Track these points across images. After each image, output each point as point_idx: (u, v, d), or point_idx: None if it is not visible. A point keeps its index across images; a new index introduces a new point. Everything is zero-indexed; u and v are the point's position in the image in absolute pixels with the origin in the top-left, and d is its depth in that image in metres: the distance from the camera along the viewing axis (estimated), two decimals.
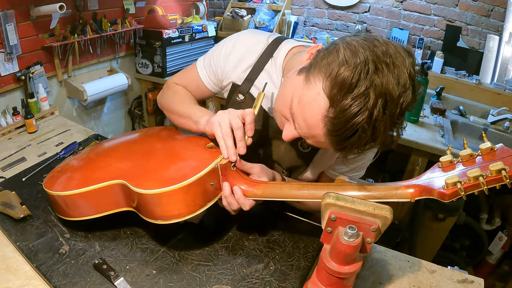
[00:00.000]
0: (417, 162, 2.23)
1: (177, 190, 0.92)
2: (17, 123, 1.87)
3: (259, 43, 1.24)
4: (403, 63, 0.78)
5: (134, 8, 2.72)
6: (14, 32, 1.91)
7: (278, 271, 1.02)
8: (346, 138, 0.80)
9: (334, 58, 0.81)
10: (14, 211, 1.14)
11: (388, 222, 0.80)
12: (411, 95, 0.79)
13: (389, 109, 0.77)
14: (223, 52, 1.25)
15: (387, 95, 0.76)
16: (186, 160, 1.06)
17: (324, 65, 0.83)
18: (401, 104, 0.78)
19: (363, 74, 0.76)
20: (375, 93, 0.75)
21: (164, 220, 0.95)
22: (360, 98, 0.75)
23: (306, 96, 0.86)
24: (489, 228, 2.56)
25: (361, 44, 0.79)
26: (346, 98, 0.76)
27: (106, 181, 1.02)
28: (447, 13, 2.73)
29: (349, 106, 0.76)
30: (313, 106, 0.84)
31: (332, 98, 0.79)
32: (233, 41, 1.25)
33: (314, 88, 0.84)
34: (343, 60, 0.79)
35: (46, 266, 0.98)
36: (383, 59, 0.77)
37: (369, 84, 0.75)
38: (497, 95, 2.60)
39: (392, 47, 0.80)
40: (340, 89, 0.77)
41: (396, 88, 0.76)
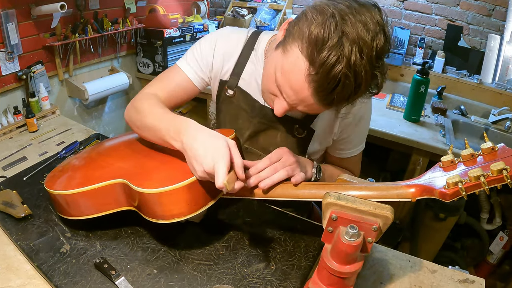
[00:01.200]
0: (418, 161, 2.23)
1: (178, 189, 0.92)
2: (18, 122, 1.87)
3: (240, 38, 1.28)
4: (368, 11, 0.84)
5: (135, 8, 2.72)
6: (15, 32, 1.91)
7: (279, 271, 1.02)
8: (332, 90, 0.85)
9: (303, 22, 0.87)
10: (15, 210, 1.14)
11: (389, 222, 0.80)
12: (383, 38, 0.84)
13: (365, 53, 0.82)
14: (207, 48, 1.27)
15: (360, 40, 0.81)
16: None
17: (297, 31, 0.88)
18: (375, 48, 0.83)
19: (333, 27, 0.81)
20: (348, 40, 0.80)
21: (165, 220, 0.95)
22: (335, 48, 0.80)
23: (286, 64, 0.91)
24: (490, 228, 2.56)
25: (325, 3, 0.86)
26: (322, 52, 0.81)
27: (107, 180, 1.02)
28: (448, 12, 2.73)
29: (327, 57, 0.81)
30: (295, 71, 0.88)
31: (310, 56, 0.84)
32: (214, 37, 1.28)
33: (292, 55, 0.89)
34: (312, 20, 0.84)
35: (47, 265, 0.98)
36: (348, 11, 0.83)
37: (340, 34, 0.80)
38: (498, 95, 2.59)
39: (354, 2, 0.86)
40: (315, 46, 0.82)
41: (366, 33, 0.82)
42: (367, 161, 2.94)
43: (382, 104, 2.66)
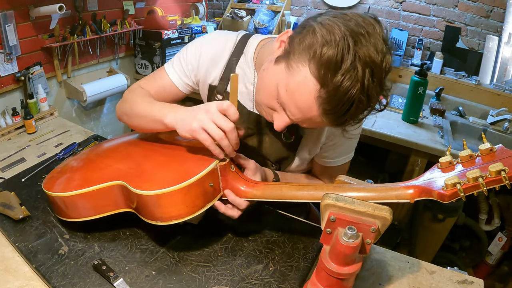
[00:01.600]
0: (417, 162, 2.23)
1: (176, 191, 0.92)
2: (17, 123, 1.87)
3: (228, 41, 1.25)
4: (375, 30, 0.83)
5: (133, 9, 2.72)
6: (13, 33, 1.91)
7: (277, 272, 1.02)
8: (344, 112, 0.85)
9: (312, 40, 0.85)
10: (13, 212, 1.14)
11: (387, 223, 0.80)
12: (390, 58, 0.85)
13: (376, 76, 0.82)
14: (193, 53, 1.26)
15: (372, 64, 0.81)
16: (185, 161, 1.06)
17: (304, 48, 0.86)
18: (384, 69, 0.83)
19: (346, 50, 0.79)
20: (361, 64, 0.80)
21: (164, 221, 0.95)
22: (350, 72, 0.79)
23: (293, 83, 0.88)
24: (488, 229, 2.56)
25: (334, 21, 0.83)
26: (336, 76, 0.80)
27: (105, 182, 1.02)
28: (446, 14, 2.73)
29: (341, 82, 0.80)
30: (303, 91, 0.87)
31: (322, 78, 0.82)
32: (200, 42, 1.27)
33: (299, 73, 0.87)
34: (323, 40, 0.82)
35: (46, 267, 0.98)
36: (358, 31, 0.81)
37: (353, 58, 0.79)
38: (497, 96, 2.60)
39: (360, 18, 0.85)
40: (328, 69, 0.81)
41: (377, 55, 0.81)
42: (365, 162, 2.95)
43: None
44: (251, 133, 1.25)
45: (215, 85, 1.25)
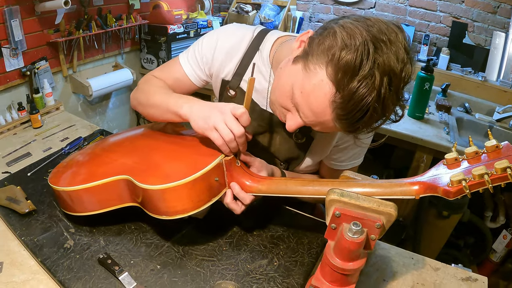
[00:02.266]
0: (422, 159, 2.23)
1: (182, 185, 0.92)
2: (22, 118, 1.87)
3: (245, 36, 1.22)
4: (397, 38, 0.81)
5: (139, 4, 2.72)
6: (19, 28, 1.92)
7: (282, 267, 1.02)
8: (358, 119, 0.83)
9: (332, 42, 0.82)
10: (19, 206, 1.14)
11: (392, 219, 0.80)
12: (411, 68, 0.82)
13: (394, 85, 0.80)
14: (208, 46, 1.24)
15: (391, 72, 0.78)
16: (191, 156, 1.06)
17: (323, 50, 0.84)
18: (403, 78, 0.81)
19: (365, 55, 0.77)
20: (379, 72, 0.77)
21: (169, 216, 0.96)
22: (367, 79, 0.77)
23: (308, 85, 0.86)
24: (493, 226, 2.55)
25: (356, 26, 0.81)
26: (352, 81, 0.78)
27: (111, 176, 1.02)
28: (453, 9, 2.72)
29: (357, 88, 0.78)
30: (318, 94, 0.85)
31: (338, 82, 0.80)
32: (216, 35, 1.24)
33: (316, 76, 0.85)
34: (343, 44, 0.80)
35: (51, 261, 0.99)
36: (379, 38, 0.79)
37: (372, 65, 0.77)
38: (503, 92, 2.58)
39: (383, 24, 0.82)
40: (345, 73, 0.79)
41: (397, 64, 0.79)
42: (371, 158, 2.94)
43: None
44: (262, 130, 1.23)
45: (228, 79, 1.24)
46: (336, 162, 1.27)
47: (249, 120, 0.95)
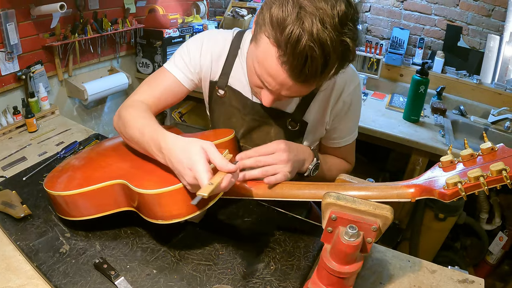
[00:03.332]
0: (418, 162, 2.23)
1: (177, 190, 0.92)
2: (18, 122, 1.87)
3: (226, 38, 1.29)
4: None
5: (134, 8, 2.72)
6: (14, 32, 1.91)
7: (278, 271, 1.02)
8: (303, 66, 0.86)
9: (265, 9, 0.90)
10: (14, 211, 1.14)
11: (388, 222, 0.80)
12: (343, 5, 0.84)
13: (327, 22, 0.82)
14: (194, 49, 1.27)
15: (319, 11, 0.82)
16: None
17: (261, 19, 0.92)
18: (337, 15, 0.83)
19: (290, 5, 0.83)
20: (307, 14, 0.82)
21: (165, 220, 0.96)
22: (295, 24, 0.82)
23: (260, 53, 0.93)
24: (489, 228, 2.56)
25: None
26: (285, 31, 0.83)
27: (107, 181, 1.02)
28: (447, 13, 2.73)
29: (290, 34, 0.82)
30: (267, 57, 0.91)
31: (276, 38, 0.86)
32: (200, 39, 1.29)
33: (262, 43, 0.92)
34: (270, 4, 0.88)
35: (47, 266, 0.98)
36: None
37: (298, 9, 0.82)
38: (498, 95, 2.60)
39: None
40: (278, 26, 0.85)
41: (325, 4, 0.83)
42: (367, 161, 2.94)
43: (382, 104, 2.67)
44: (257, 124, 1.28)
45: (216, 80, 1.29)
46: (337, 140, 1.34)
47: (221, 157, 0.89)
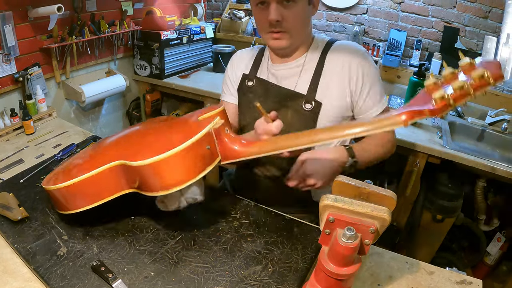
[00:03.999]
0: (416, 163, 2.23)
1: (175, 155, 0.95)
2: (15, 124, 1.87)
3: (252, 48, 1.57)
4: None
5: (132, 10, 2.72)
6: (12, 34, 1.91)
7: (276, 273, 1.02)
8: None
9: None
10: (11, 213, 1.13)
11: (386, 224, 0.80)
12: None
13: None
14: (228, 69, 1.56)
15: None
16: (180, 132, 1.11)
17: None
18: None
19: None
20: None
21: (167, 189, 0.97)
22: None
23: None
24: (487, 229, 2.56)
25: None
26: None
27: (105, 164, 1.04)
28: (445, 14, 2.73)
29: None
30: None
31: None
32: (231, 60, 1.58)
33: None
34: None
35: (44, 268, 0.98)
36: None
37: None
38: (495, 96, 2.60)
39: None
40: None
41: None
42: None
43: None
44: (276, 107, 1.32)
45: (247, 73, 1.49)
46: (374, 108, 1.37)
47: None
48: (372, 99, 1.35)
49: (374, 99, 1.35)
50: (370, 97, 1.35)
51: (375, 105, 1.36)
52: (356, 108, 1.36)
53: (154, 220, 1.20)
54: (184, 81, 2.92)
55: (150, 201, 1.26)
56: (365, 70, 1.32)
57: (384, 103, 1.39)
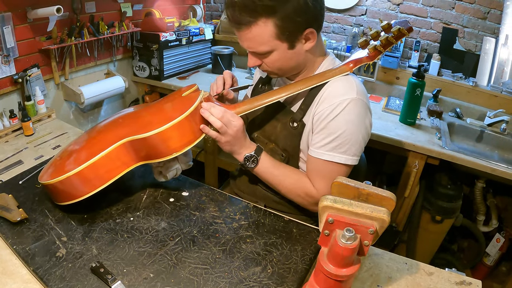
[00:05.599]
0: (415, 164, 2.24)
1: (180, 122, 1.14)
2: (14, 126, 1.87)
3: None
4: None
5: (131, 11, 2.72)
6: (11, 35, 1.91)
7: (275, 274, 1.02)
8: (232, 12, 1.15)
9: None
10: (10, 214, 1.13)
11: (385, 225, 0.80)
12: None
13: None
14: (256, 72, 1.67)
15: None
16: (174, 106, 1.30)
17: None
18: None
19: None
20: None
21: (176, 151, 1.17)
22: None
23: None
24: (486, 230, 2.56)
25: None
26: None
27: (110, 145, 1.14)
28: (443, 15, 2.74)
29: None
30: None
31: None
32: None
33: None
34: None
35: (43, 270, 0.98)
36: None
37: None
38: (494, 97, 2.60)
39: None
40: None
41: None
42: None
43: (378, 107, 2.67)
44: (269, 117, 1.43)
45: (263, 77, 1.53)
46: (311, 147, 1.29)
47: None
48: (317, 142, 1.27)
49: (320, 143, 1.26)
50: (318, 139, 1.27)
51: (316, 147, 1.27)
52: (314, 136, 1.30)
53: (153, 221, 1.20)
54: (183, 83, 2.92)
55: (149, 203, 1.26)
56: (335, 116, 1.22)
57: (329, 156, 1.25)
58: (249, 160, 1.30)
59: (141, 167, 1.25)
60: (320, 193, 1.27)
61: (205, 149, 2.99)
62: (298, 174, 1.35)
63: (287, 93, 1.27)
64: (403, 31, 1.21)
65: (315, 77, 1.27)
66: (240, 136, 1.27)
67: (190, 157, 1.37)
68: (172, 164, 1.33)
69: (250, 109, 1.29)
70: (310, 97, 1.29)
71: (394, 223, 2.48)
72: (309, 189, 1.30)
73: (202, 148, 3.01)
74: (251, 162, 1.30)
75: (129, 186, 1.38)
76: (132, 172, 1.24)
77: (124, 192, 1.33)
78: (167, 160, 1.24)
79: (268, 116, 1.43)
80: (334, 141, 1.23)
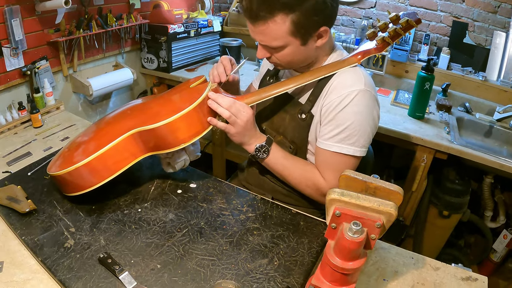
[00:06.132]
0: (423, 158, 2.22)
1: (188, 113, 1.15)
2: (23, 118, 1.88)
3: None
4: None
5: (139, 3, 2.72)
6: (19, 27, 1.91)
7: (282, 267, 1.02)
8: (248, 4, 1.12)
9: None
10: (19, 205, 1.14)
11: (392, 219, 0.80)
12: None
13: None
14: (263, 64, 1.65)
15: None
16: (182, 98, 1.32)
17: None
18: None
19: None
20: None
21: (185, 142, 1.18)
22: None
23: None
24: (493, 226, 2.55)
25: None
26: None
27: (119, 137, 1.15)
28: (453, 9, 2.71)
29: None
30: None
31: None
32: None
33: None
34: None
35: (51, 260, 0.99)
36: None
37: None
38: (504, 92, 2.58)
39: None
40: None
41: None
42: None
43: (387, 101, 2.66)
44: (278, 109, 1.43)
45: (271, 69, 1.53)
46: (320, 139, 1.29)
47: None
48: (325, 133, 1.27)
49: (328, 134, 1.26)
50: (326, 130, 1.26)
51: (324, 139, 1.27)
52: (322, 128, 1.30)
53: (161, 212, 1.20)
54: (192, 75, 2.92)
55: (157, 194, 1.27)
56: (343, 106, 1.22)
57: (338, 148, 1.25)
58: (260, 151, 1.30)
59: (149, 158, 1.26)
60: (329, 185, 1.28)
61: (213, 141, 2.99)
62: (307, 165, 1.35)
63: (295, 84, 1.28)
64: (412, 22, 1.22)
65: (323, 69, 1.27)
66: (250, 126, 1.27)
67: (198, 147, 1.38)
68: (180, 155, 1.34)
69: (258, 100, 1.29)
70: (318, 89, 1.29)
71: (401, 217, 2.47)
72: (318, 180, 1.30)
73: (210, 140, 3.02)
74: (262, 153, 1.30)
75: (137, 177, 1.39)
76: (140, 163, 1.25)
77: (132, 183, 1.34)
78: (175, 151, 1.26)
79: (277, 108, 1.43)
80: (342, 133, 1.23)
